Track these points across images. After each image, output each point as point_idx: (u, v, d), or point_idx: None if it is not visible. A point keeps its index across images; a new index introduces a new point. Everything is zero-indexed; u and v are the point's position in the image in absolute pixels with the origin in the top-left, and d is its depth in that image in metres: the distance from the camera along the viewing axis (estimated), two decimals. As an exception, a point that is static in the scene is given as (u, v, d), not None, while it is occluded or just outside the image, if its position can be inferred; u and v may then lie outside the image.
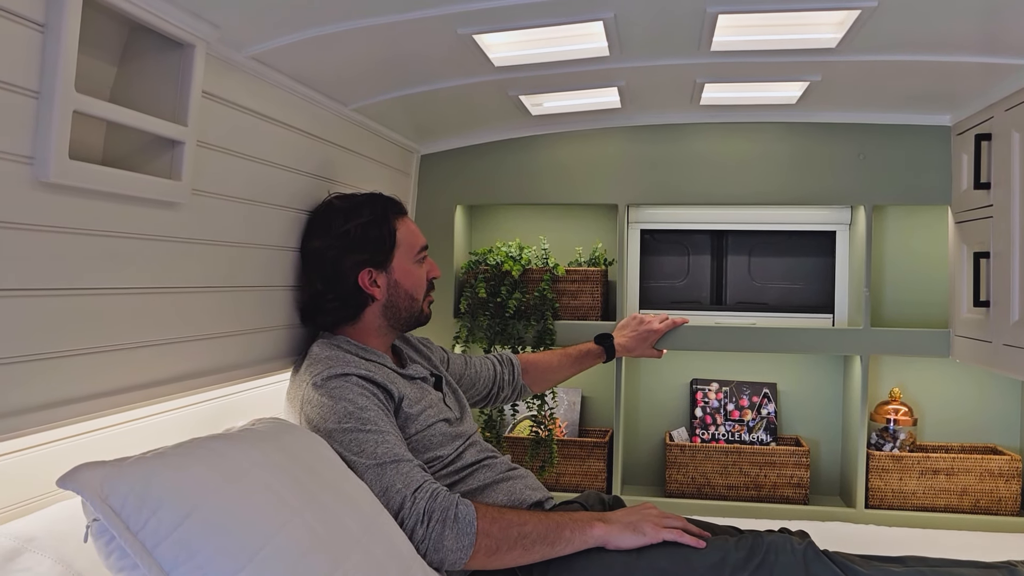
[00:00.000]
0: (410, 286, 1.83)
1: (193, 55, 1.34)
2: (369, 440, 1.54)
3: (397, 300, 1.81)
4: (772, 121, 2.52)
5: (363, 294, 1.78)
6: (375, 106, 2.07)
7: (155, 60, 1.34)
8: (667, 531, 1.58)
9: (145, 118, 1.27)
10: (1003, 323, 2.02)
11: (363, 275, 1.77)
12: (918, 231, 2.66)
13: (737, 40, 1.84)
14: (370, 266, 1.77)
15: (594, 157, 2.61)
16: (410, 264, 1.83)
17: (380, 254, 1.79)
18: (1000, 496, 2.43)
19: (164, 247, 1.40)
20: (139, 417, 1.54)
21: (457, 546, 1.45)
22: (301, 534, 1.18)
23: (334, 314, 1.80)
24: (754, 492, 2.56)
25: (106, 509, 1.04)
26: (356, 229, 1.78)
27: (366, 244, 1.77)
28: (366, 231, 1.78)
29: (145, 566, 1.04)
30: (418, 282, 1.85)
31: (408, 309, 1.83)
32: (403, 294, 1.81)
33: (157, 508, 1.06)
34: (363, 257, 1.77)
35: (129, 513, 1.05)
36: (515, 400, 2.31)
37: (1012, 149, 1.97)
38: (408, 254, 1.83)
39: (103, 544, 1.06)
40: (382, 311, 1.81)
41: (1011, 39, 1.74)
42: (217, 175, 1.52)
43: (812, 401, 2.73)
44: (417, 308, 1.85)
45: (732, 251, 2.75)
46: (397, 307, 1.81)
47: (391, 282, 1.80)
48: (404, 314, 1.83)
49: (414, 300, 1.83)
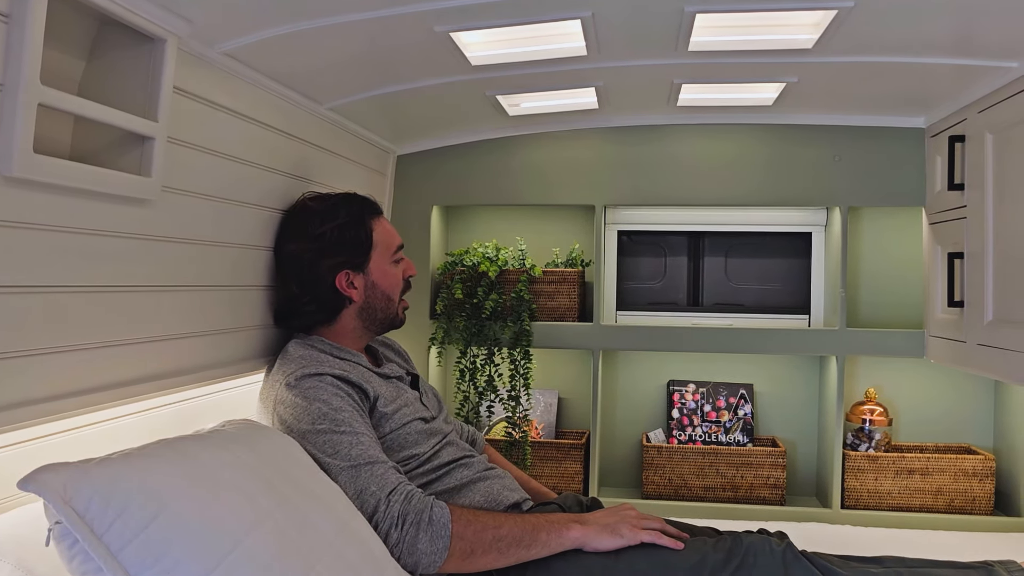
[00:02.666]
0: (387, 287, 1.81)
1: (164, 50, 1.32)
2: (343, 442, 1.52)
3: (374, 301, 1.79)
4: (749, 123, 2.53)
5: (340, 296, 1.76)
6: (351, 105, 2.05)
7: (125, 54, 1.31)
8: (645, 533, 1.57)
9: (114, 113, 1.24)
10: (977, 323, 2.03)
11: (340, 277, 1.75)
12: (893, 232, 2.68)
13: (714, 40, 1.84)
14: (347, 268, 1.75)
15: (571, 158, 2.60)
16: (387, 265, 1.82)
17: (357, 256, 1.77)
18: (974, 495, 2.45)
19: (133, 244, 1.37)
20: (105, 419, 1.51)
21: (431, 549, 1.44)
22: (272, 536, 1.16)
23: (310, 317, 1.78)
24: (731, 493, 2.56)
25: (69, 511, 1.01)
26: (332, 231, 1.75)
27: (343, 246, 1.75)
28: (343, 233, 1.76)
29: (110, 570, 1.01)
30: (395, 282, 1.83)
31: (384, 310, 1.82)
32: (380, 295, 1.80)
33: (123, 510, 1.04)
34: (340, 259, 1.75)
35: (93, 515, 1.02)
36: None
37: (985, 151, 1.98)
38: (385, 255, 1.81)
39: (66, 548, 1.03)
40: (358, 313, 1.79)
41: (984, 42, 1.75)
42: (189, 172, 1.50)
43: (788, 402, 2.74)
44: (393, 309, 1.83)
45: (709, 252, 2.75)
46: (374, 308, 1.80)
47: (368, 283, 1.78)
48: (380, 315, 1.81)
49: (391, 301, 1.82)
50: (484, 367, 2.60)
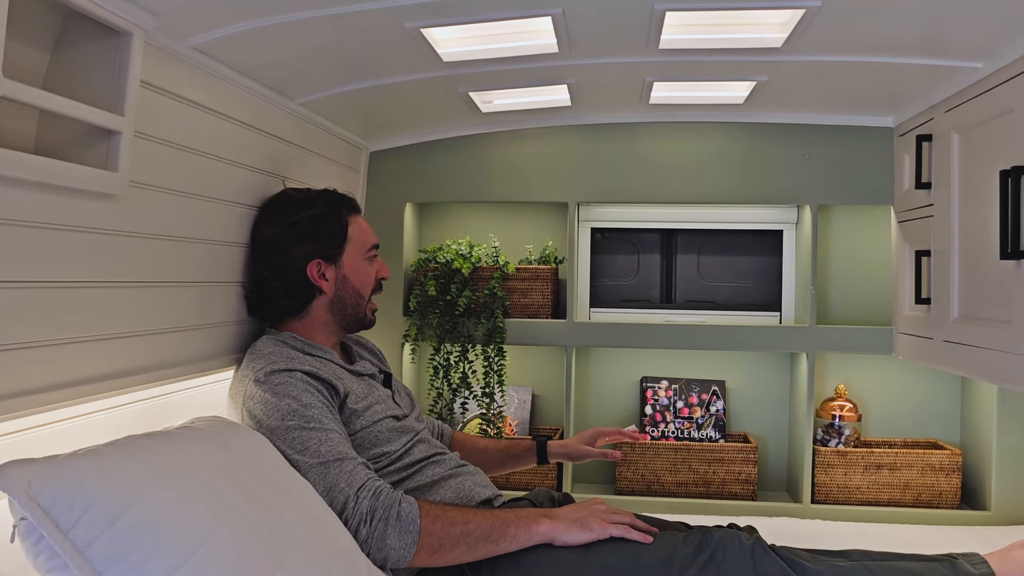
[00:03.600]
0: (358, 282, 1.82)
1: (130, 43, 1.30)
2: (312, 438, 1.52)
3: (344, 295, 1.80)
4: (720, 121, 2.54)
5: (310, 286, 1.77)
6: (322, 101, 2.04)
7: (91, 48, 1.30)
8: (614, 527, 1.58)
9: (79, 106, 1.22)
10: (943, 320, 2.06)
11: (312, 266, 1.76)
12: (862, 230, 2.71)
13: (685, 38, 1.85)
14: (319, 258, 1.77)
15: (544, 155, 2.61)
16: (360, 261, 1.82)
17: (330, 247, 1.78)
18: (941, 490, 2.48)
19: (100, 240, 1.35)
20: (73, 415, 1.49)
21: (400, 544, 1.45)
22: (241, 532, 1.16)
23: (280, 303, 1.79)
24: (703, 489, 2.58)
25: (34, 508, 1.00)
26: (309, 220, 1.78)
27: (317, 235, 1.77)
28: (318, 222, 1.78)
29: (76, 566, 1.00)
30: (366, 279, 1.84)
31: (354, 307, 1.82)
32: (350, 290, 1.80)
33: (89, 507, 1.03)
34: (313, 248, 1.76)
35: (59, 512, 1.01)
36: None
37: (952, 150, 2.01)
38: (358, 250, 1.82)
39: (31, 544, 1.03)
40: (329, 306, 1.79)
41: (951, 42, 1.78)
42: (157, 167, 1.48)
43: (760, 398, 2.76)
44: (363, 308, 1.84)
45: (681, 250, 2.77)
46: (344, 303, 1.80)
47: (339, 276, 1.79)
48: (350, 311, 1.82)
49: (360, 297, 1.83)
50: (458, 364, 2.60)
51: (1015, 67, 1.71)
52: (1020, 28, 1.63)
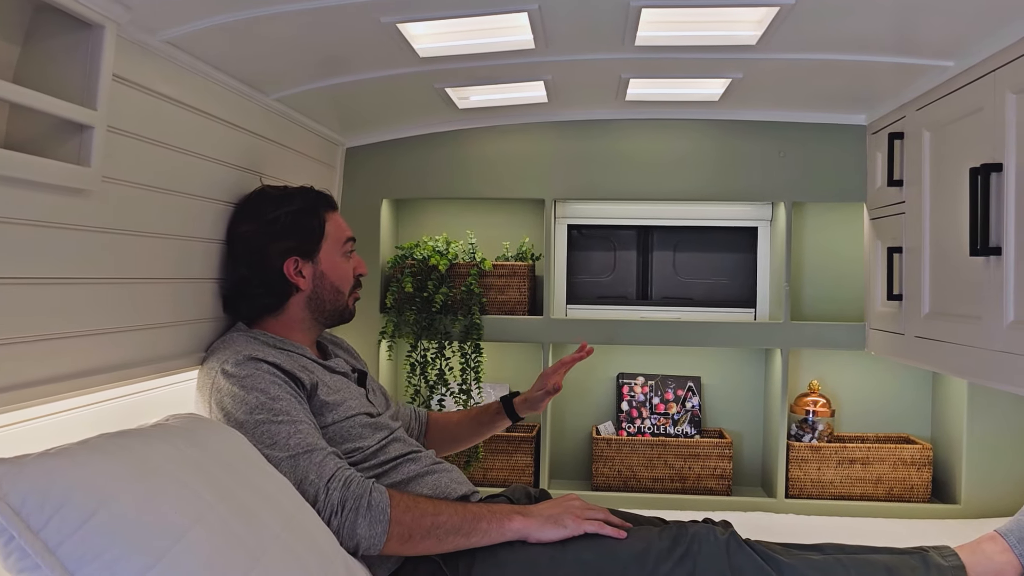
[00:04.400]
0: (336, 279, 1.81)
1: (102, 37, 1.29)
2: (281, 431, 1.52)
3: (322, 292, 1.79)
4: (696, 118, 2.56)
5: (288, 283, 1.76)
6: (298, 96, 2.03)
7: (62, 41, 1.28)
8: (588, 523, 1.59)
9: (50, 100, 1.21)
10: (915, 316, 2.09)
11: (289, 263, 1.75)
12: (836, 227, 2.73)
13: (660, 35, 1.85)
14: (297, 255, 1.76)
15: (521, 152, 2.61)
16: (337, 257, 1.82)
17: (308, 244, 1.77)
18: (912, 484, 2.51)
19: (72, 236, 1.34)
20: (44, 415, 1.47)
21: (370, 533, 1.46)
22: (215, 530, 1.15)
23: (257, 301, 1.78)
24: (679, 484, 2.59)
25: (4, 508, 0.99)
26: (286, 217, 1.77)
27: (294, 232, 1.76)
28: (296, 219, 1.77)
29: (47, 566, 0.99)
30: (344, 275, 1.83)
31: (333, 303, 1.81)
32: (328, 286, 1.80)
33: (60, 506, 1.02)
34: (290, 245, 1.76)
35: (30, 511, 1.00)
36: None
37: (923, 147, 2.04)
38: (335, 247, 1.82)
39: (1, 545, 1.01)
40: (306, 303, 1.78)
41: (922, 41, 1.80)
42: (130, 162, 1.47)
43: (735, 394, 2.78)
44: (342, 303, 1.83)
45: (657, 247, 2.78)
46: (322, 299, 1.79)
47: (317, 273, 1.78)
48: (328, 307, 1.81)
49: (339, 293, 1.82)
50: (435, 361, 2.60)
51: (985, 66, 1.73)
52: (989, 28, 1.65)
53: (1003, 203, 1.63)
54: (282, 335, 1.76)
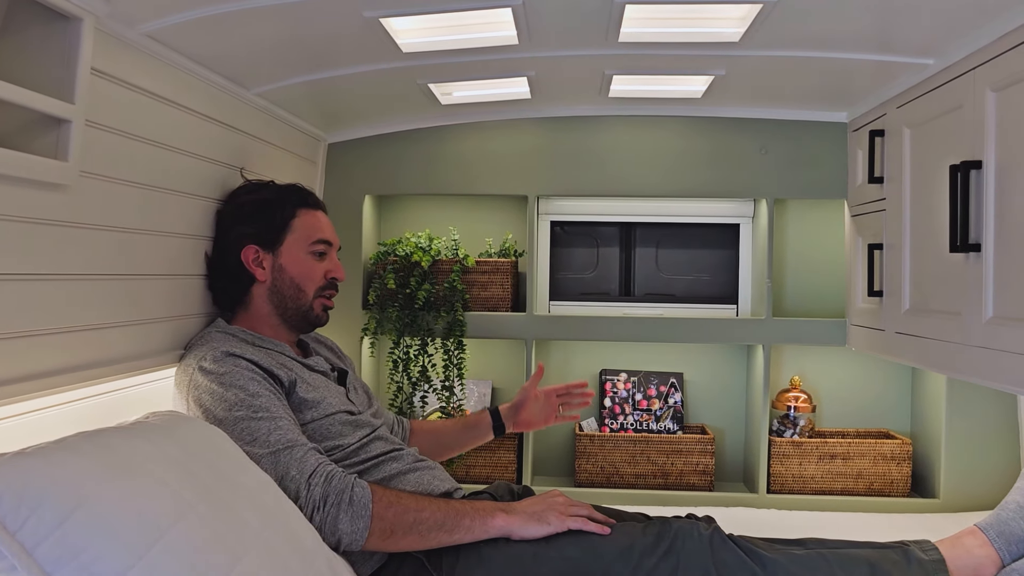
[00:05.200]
0: (297, 275, 1.78)
1: (80, 29, 1.27)
2: (261, 428, 1.51)
3: (281, 286, 1.77)
4: (679, 115, 2.56)
5: (245, 271, 1.76)
6: (280, 91, 2.01)
7: (39, 33, 1.27)
8: (572, 519, 1.59)
9: (26, 93, 1.19)
10: (895, 312, 2.10)
11: (247, 250, 1.76)
12: (817, 224, 2.75)
13: (644, 32, 1.86)
14: (256, 243, 1.76)
15: (504, 148, 2.60)
16: (301, 253, 1.79)
17: (267, 233, 1.77)
18: (892, 479, 2.53)
19: (50, 231, 1.32)
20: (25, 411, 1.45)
21: (352, 528, 1.46)
22: (196, 529, 1.13)
23: (221, 288, 1.81)
24: (661, 480, 2.60)
25: (-22, 509, 0.97)
26: (252, 204, 1.79)
27: (256, 220, 1.78)
28: (261, 208, 1.78)
29: (24, 568, 0.97)
30: (308, 274, 1.79)
31: (294, 300, 1.78)
32: (288, 281, 1.77)
33: (37, 506, 1.00)
34: (249, 231, 1.77)
35: (6, 512, 0.98)
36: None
37: (903, 145, 2.05)
38: (301, 243, 1.79)
39: (-23, 546, 1.00)
40: (268, 296, 1.78)
41: (903, 39, 1.81)
42: (110, 157, 1.45)
43: (717, 390, 2.79)
44: (305, 303, 1.79)
45: (640, 243, 2.79)
46: (282, 294, 1.77)
47: (276, 265, 1.77)
48: (290, 304, 1.78)
49: (301, 291, 1.79)
50: (417, 357, 2.59)
51: (964, 64, 1.74)
52: (969, 26, 1.66)
53: (982, 200, 1.64)
54: (256, 331, 1.75)
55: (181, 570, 1.07)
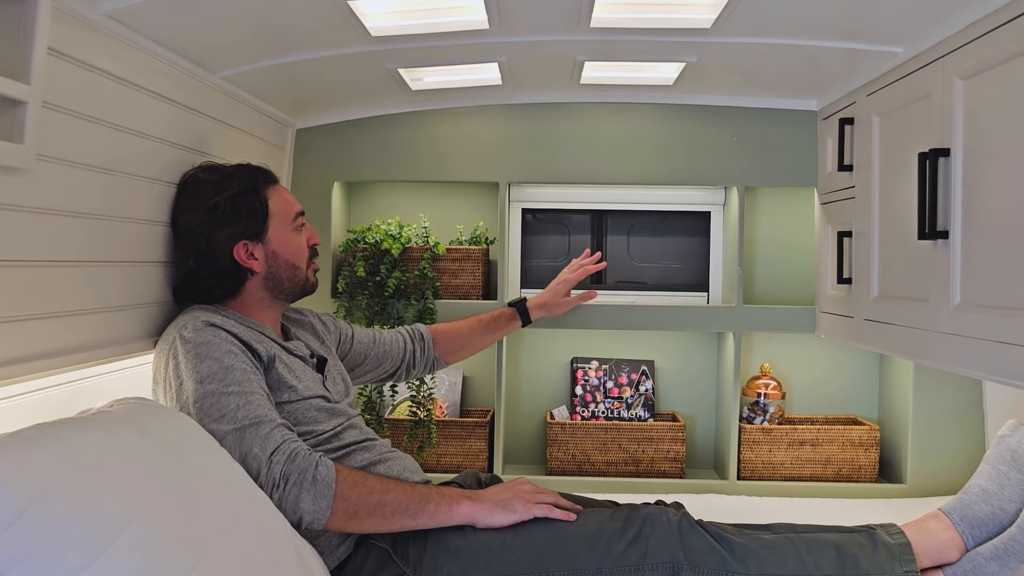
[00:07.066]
0: (290, 255, 1.77)
1: (36, 7, 1.23)
2: (230, 403, 1.48)
3: (278, 271, 1.75)
4: (650, 102, 2.56)
5: (240, 269, 1.72)
6: (246, 75, 1.98)
7: None
8: (538, 507, 1.59)
9: (-21, 73, 1.15)
10: (864, 299, 2.12)
11: (238, 248, 1.71)
12: (787, 212, 2.76)
13: (616, 17, 1.84)
14: (245, 239, 1.71)
15: (475, 135, 2.58)
16: (287, 233, 1.77)
17: (254, 226, 1.73)
18: (860, 464, 2.56)
19: (4, 216, 1.28)
20: (-20, 402, 1.42)
21: (314, 508, 1.44)
22: (158, 525, 1.10)
23: (210, 292, 1.73)
24: (632, 467, 2.61)
25: (-73, 505, 0.94)
26: (226, 202, 1.70)
27: (238, 216, 1.71)
28: (237, 203, 1.71)
29: (-27, 567, 0.94)
30: (298, 250, 1.79)
31: (291, 279, 1.78)
32: (283, 264, 1.76)
33: None
34: (236, 230, 1.70)
35: None
36: (430, 373, 2.30)
37: (872, 133, 2.06)
38: (284, 223, 1.77)
39: (-76, 544, 0.96)
40: (263, 284, 1.75)
41: (873, 26, 1.81)
42: (69, 140, 1.41)
43: (688, 377, 2.80)
44: (301, 276, 1.80)
45: (612, 231, 2.78)
46: (279, 278, 1.75)
47: (269, 253, 1.74)
48: (287, 284, 1.77)
49: (296, 269, 1.78)
50: (387, 346, 2.57)
51: (933, 52, 1.75)
52: (937, 15, 1.67)
53: (950, 187, 1.65)
54: (243, 314, 1.73)
55: (141, 568, 1.04)
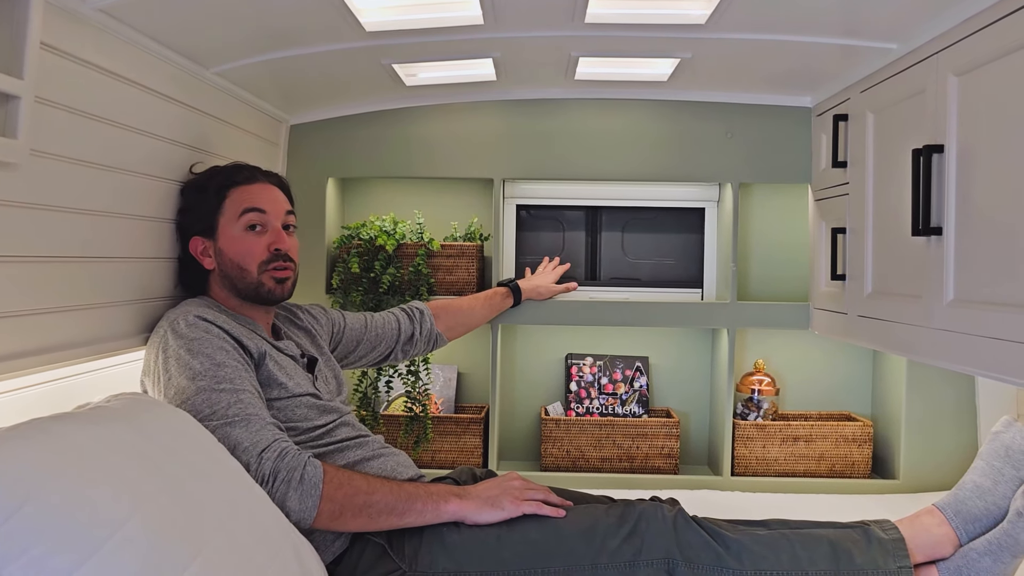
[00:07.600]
0: (235, 254, 1.72)
1: (28, 2, 1.23)
2: (222, 400, 1.48)
3: (226, 270, 1.74)
4: (645, 98, 2.55)
5: (196, 263, 1.76)
6: (239, 71, 1.97)
7: None
8: (527, 504, 1.59)
9: (-29, 68, 1.15)
10: (857, 295, 2.12)
11: (194, 243, 1.76)
12: (781, 209, 2.76)
13: (610, 12, 1.84)
14: (199, 235, 1.76)
15: (469, 131, 2.58)
16: (236, 231, 1.73)
17: (203, 221, 1.76)
18: (853, 460, 2.57)
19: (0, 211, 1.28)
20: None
21: (300, 507, 1.44)
22: (154, 522, 1.10)
23: (187, 284, 1.81)
24: (627, 464, 2.61)
25: (-80, 503, 0.93)
26: (190, 196, 1.79)
27: (193, 212, 1.78)
28: (195, 198, 1.78)
29: (-33, 565, 0.94)
30: (244, 250, 1.72)
31: (240, 280, 1.72)
32: (229, 263, 1.73)
33: None
34: (191, 224, 1.78)
35: None
36: (431, 349, 2.30)
37: (866, 129, 2.06)
38: (232, 220, 1.73)
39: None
40: (221, 282, 1.77)
41: (867, 23, 1.81)
42: (62, 136, 1.41)
43: (682, 374, 2.81)
44: (252, 280, 1.72)
45: (606, 227, 2.78)
46: (229, 277, 1.74)
47: (216, 251, 1.75)
48: (239, 284, 1.73)
49: (243, 270, 1.72)
50: (382, 342, 2.56)
51: (926, 49, 1.75)
52: (932, 11, 1.67)
53: (944, 184, 1.65)
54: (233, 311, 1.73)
55: (136, 565, 1.03)
